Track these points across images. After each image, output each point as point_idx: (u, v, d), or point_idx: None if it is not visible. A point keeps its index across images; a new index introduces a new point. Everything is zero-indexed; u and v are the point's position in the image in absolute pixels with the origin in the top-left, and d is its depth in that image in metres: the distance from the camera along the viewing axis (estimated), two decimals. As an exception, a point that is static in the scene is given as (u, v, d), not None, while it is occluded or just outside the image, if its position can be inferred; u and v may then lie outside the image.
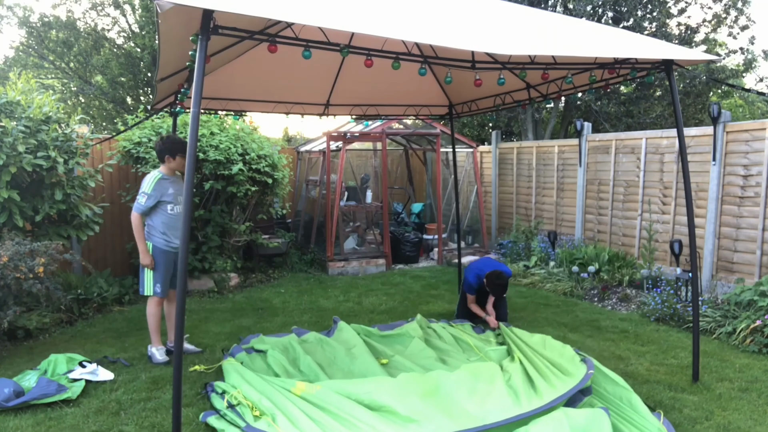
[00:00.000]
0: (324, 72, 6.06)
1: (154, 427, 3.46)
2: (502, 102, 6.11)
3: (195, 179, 6.68)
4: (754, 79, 18.50)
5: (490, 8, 3.84)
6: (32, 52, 16.00)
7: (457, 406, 3.44)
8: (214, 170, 6.80)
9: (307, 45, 3.57)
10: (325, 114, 6.77)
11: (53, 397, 3.75)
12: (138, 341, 5.09)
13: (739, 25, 12.48)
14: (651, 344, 5.03)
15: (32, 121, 5.29)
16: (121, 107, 16.12)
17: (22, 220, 5.14)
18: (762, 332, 4.82)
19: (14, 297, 4.60)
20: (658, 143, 7.31)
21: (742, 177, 6.23)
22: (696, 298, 4.17)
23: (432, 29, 3.14)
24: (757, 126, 6.10)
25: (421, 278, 8.00)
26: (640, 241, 7.55)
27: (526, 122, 12.31)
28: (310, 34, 3.72)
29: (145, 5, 14.45)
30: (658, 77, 4.38)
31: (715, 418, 3.56)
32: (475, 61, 4.13)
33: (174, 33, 3.24)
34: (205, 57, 2.91)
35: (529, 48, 3.20)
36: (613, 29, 4.29)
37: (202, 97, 2.94)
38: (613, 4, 11.07)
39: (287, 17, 2.75)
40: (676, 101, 4.07)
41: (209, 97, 5.81)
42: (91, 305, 5.95)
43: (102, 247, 7.37)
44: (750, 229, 6.17)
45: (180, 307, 2.92)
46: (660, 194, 7.30)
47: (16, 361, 4.56)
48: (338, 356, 4.51)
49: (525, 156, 9.81)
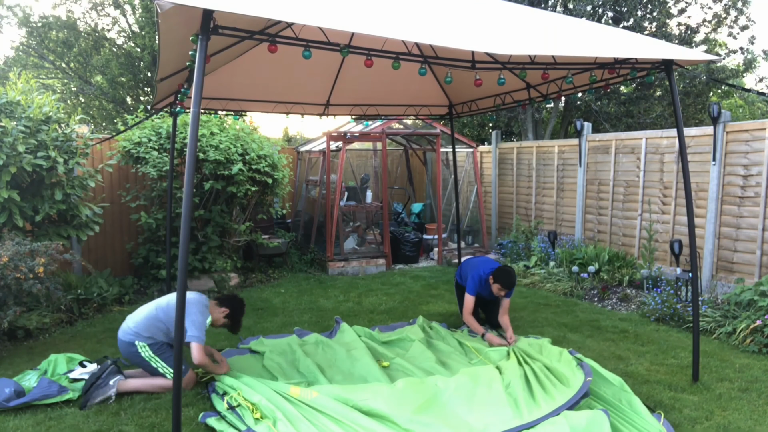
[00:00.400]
0: (324, 72, 6.06)
1: (154, 427, 3.46)
2: (502, 102, 6.11)
3: (195, 179, 6.69)
4: (754, 79, 18.53)
5: (490, 8, 3.84)
6: (32, 52, 16.00)
7: (457, 418, 3.44)
8: (214, 170, 6.80)
9: (307, 45, 3.57)
10: (325, 114, 6.78)
11: (54, 398, 3.75)
12: (138, 341, 5.09)
13: (739, 25, 12.49)
14: (651, 344, 5.02)
15: (32, 121, 5.29)
16: (121, 107, 16.12)
17: (22, 220, 5.14)
18: (762, 332, 4.82)
19: (14, 297, 4.60)
20: (658, 143, 7.31)
21: (742, 177, 6.23)
22: (696, 298, 4.17)
23: (432, 29, 3.14)
24: (757, 126, 6.10)
25: (421, 278, 8.00)
26: (640, 241, 7.55)
27: (526, 122, 12.31)
28: (310, 34, 3.72)
29: (145, 5, 14.45)
30: (658, 77, 4.38)
31: (715, 418, 3.56)
32: (475, 61, 4.13)
33: (174, 33, 3.24)
34: (205, 57, 2.91)
35: (529, 48, 3.20)
36: (613, 29, 4.29)
37: (202, 97, 2.94)
38: (613, 4, 11.07)
39: (287, 17, 2.75)
40: (676, 101, 4.07)
41: (209, 97, 5.81)
42: (91, 305, 5.95)
43: (102, 247, 7.37)
44: (750, 229, 6.17)
45: (180, 306, 2.93)
46: (660, 194, 7.30)
47: (16, 361, 4.56)
48: (339, 358, 4.51)
49: (525, 156, 9.81)
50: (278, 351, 4.59)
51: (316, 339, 4.90)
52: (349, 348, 4.68)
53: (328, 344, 4.78)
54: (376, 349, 4.71)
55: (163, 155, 6.78)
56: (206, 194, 7.06)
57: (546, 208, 9.35)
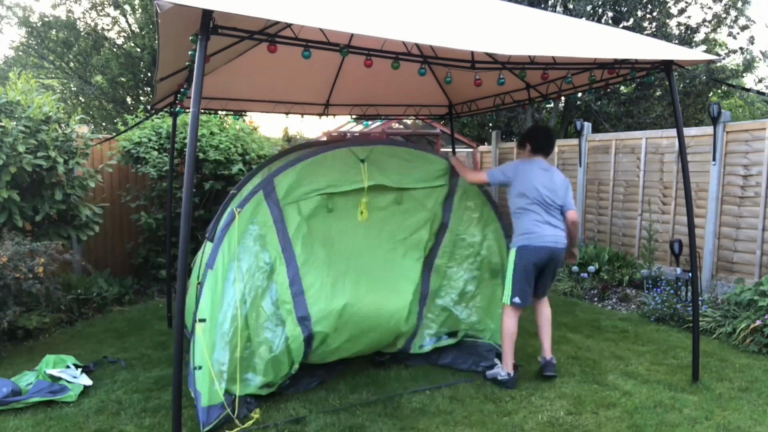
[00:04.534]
0: (324, 72, 6.05)
1: (154, 427, 3.46)
2: (502, 102, 6.11)
3: (195, 179, 6.69)
4: (753, 79, 18.46)
5: (490, 8, 3.84)
6: (32, 52, 16.00)
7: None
8: (214, 170, 6.80)
9: (307, 45, 3.57)
10: (325, 114, 6.77)
11: (54, 398, 3.75)
12: (138, 341, 5.09)
13: (739, 25, 12.48)
14: (651, 344, 5.02)
15: (32, 121, 5.29)
16: (121, 107, 16.11)
17: (22, 220, 5.14)
18: (762, 332, 4.82)
19: (14, 297, 4.60)
20: (658, 143, 7.31)
21: (742, 177, 6.23)
22: (696, 298, 4.17)
23: (432, 29, 3.14)
24: (757, 126, 6.10)
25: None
26: (640, 241, 7.55)
27: (526, 122, 12.31)
28: (309, 34, 3.72)
29: (145, 5, 14.46)
30: (658, 77, 4.38)
31: (715, 418, 3.56)
32: (475, 61, 4.13)
33: (174, 33, 3.24)
34: (205, 57, 2.91)
35: (529, 48, 3.20)
36: (612, 29, 4.30)
37: (201, 97, 2.95)
38: (613, 4, 11.07)
39: (287, 18, 2.75)
40: (675, 101, 4.06)
41: (209, 97, 5.80)
42: (91, 305, 5.95)
43: (102, 247, 7.37)
44: (750, 229, 6.17)
45: (180, 306, 2.93)
46: (660, 194, 7.30)
47: (16, 361, 4.57)
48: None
49: (525, 156, 9.79)
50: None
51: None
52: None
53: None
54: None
55: (163, 155, 6.78)
56: (206, 194, 7.06)
57: (546, 208, 9.33)
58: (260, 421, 3.49)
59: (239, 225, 3.69)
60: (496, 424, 3.51)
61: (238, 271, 3.63)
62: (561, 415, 3.61)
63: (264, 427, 3.43)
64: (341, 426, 3.45)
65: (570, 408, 3.71)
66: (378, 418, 3.55)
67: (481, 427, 3.46)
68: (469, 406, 3.74)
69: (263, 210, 3.81)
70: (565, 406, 3.73)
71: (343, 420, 3.52)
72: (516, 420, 3.55)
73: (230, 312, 3.58)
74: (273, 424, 3.47)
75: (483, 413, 3.64)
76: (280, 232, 3.82)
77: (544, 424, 3.50)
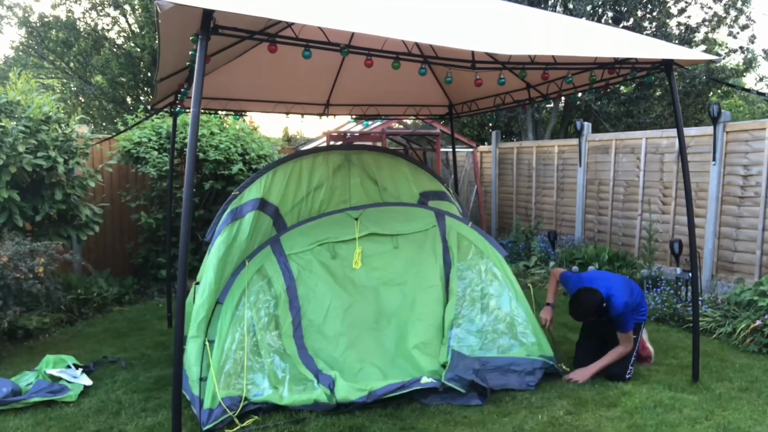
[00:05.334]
0: (324, 72, 6.05)
1: (154, 427, 3.46)
2: (502, 102, 6.11)
3: (195, 179, 6.69)
4: (754, 78, 18.50)
5: (491, 8, 3.84)
6: (32, 52, 15.99)
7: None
8: (214, 170, 6.80)
9: (307, 45, 3.57)
10: (325, 114, 6.77)
11: (54, 398, 3.75)
12: (138, 341, 5.09)
13: (739, 24, 12.47)
14: (651, 344, 5.01)
15: (32, 121, 5.29)
16: (121, 107, 16.10)
17: (22, 220, 5.14)
18: (762, 332, 4.82)
19: (14, 297, 4.60)
20: (658, 143, 7.31)
21: (742, 177, 6.23)
22: (696, 298, 4.17)
23: (432, 29, 3.14)
24: (757, 126, 6.10)
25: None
26: (640, 241, 7.54)
27: (526, 122, 12.31)
28: (310, 34, 3.72)
29: (145, 5, 14.44)
30: (658, 77, 4.38)
31: (715, 418, 3.56)
32: (475, 61, 4.13)
33: (174, 33, 3.24)
34: (205, 57, 2.91)
35: (529, 48, 3.20)
36: (612, 29, 4.30)
37: (202, 97, 2.94)
38: (613, 4, 11.07)
39: (287, 17, 2.75)
40: (676, 101, 4.06)
41: (209, 97, 5.81)
42: (91, 305, 5.95)
43: (102, 247, 7.37)
44: (750, 229, 6.17)
45: (180, 306, 2.93)
46: (660, 194, 7.30)
47: (16, 361, 4.56)
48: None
49: (525, 156, 9.81)
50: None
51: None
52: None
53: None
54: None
55: (163, 155, 6.78)
56: (206, 194, 7.06)
57: (546, 208, 9.35)
58: (260, 421, 3.49)
59: (248, 272, 4.03)
60: (496, 424, 3.51)
61: (246, 304, 3.93)
62: (561, 415, 3.61)
63: (264, 428, 3.43)
64: (341, 426, 3.44)
65: (570, 408, 3.71)
66: (378, 418, 3.55)
67: (481, 427, 3.46)
68: (469, 406, 3.74)
69: (271, 259, 4.17)
70: (565, 406, 3.73)
71: (343, 420, 3.52)
72: (516, 420, 3.55)
73: (237, 335, 3.80)
74: (273, 424, 3.48)
75: (483, 413, 3.64)
76: (285, 275, 4.14)
77: (544, 424, 3.50)
